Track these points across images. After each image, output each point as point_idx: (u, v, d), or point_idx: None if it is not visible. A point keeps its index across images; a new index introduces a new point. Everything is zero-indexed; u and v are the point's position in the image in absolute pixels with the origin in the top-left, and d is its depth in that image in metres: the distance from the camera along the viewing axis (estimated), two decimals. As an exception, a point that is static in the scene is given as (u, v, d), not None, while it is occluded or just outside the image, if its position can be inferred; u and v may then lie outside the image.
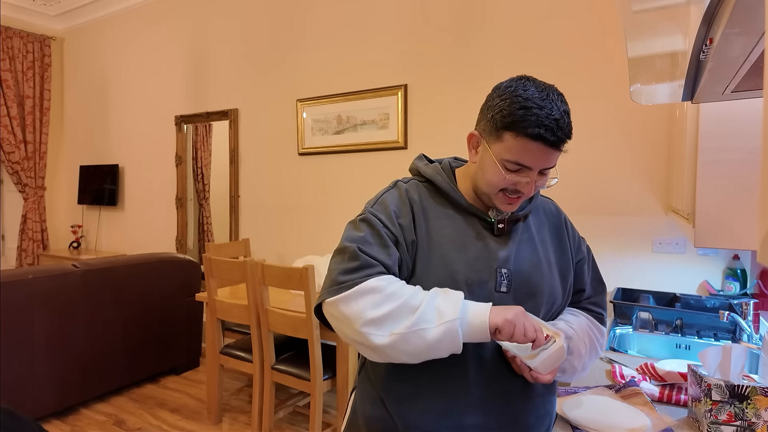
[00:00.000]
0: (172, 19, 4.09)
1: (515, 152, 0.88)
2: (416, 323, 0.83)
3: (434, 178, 1.00)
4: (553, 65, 2.49)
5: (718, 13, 0.61)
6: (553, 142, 0.86)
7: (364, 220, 0.95)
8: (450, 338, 0.83)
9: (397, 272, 0.92)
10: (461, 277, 0.91)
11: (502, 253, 0.94)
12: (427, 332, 0.83)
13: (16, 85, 4.59)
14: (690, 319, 1.78)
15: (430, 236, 0.94)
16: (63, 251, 4.71)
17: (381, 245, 0.91)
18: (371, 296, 0.85)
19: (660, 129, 2.26)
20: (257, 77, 3.60)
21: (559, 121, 0.86)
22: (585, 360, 1.00)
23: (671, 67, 1.04)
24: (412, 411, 0.93)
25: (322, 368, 2.22)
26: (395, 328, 0.84)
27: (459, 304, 0.84)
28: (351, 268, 0.89)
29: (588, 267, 1.08)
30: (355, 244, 0.91)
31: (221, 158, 3.90)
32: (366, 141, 3.10)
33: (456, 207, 0.98)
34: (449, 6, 2.79)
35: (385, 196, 0.99)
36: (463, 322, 0.83)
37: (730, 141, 1.28)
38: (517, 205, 0.94)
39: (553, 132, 0.85)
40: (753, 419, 0.97)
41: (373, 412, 0.99)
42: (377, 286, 0.86)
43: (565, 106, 0.89)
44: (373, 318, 0.84)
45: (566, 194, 2.47)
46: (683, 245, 2.20)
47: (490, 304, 0.86)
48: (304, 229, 3.40)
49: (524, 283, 0.94)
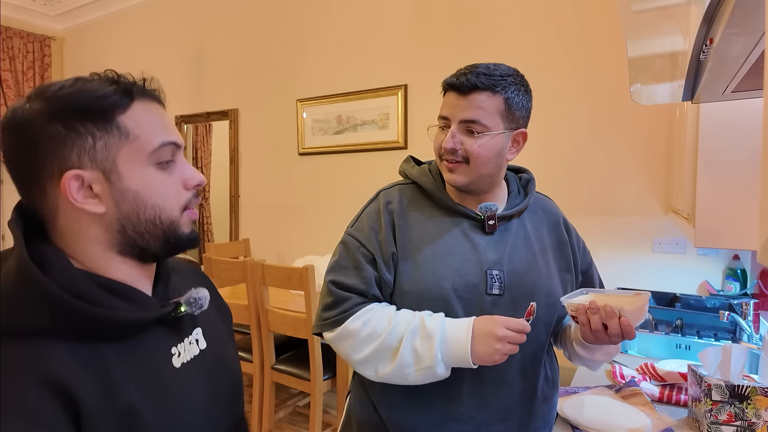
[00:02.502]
0: (172, 19, 4.09)
1: (441, 107, 0.93)
2: (397, 368, 0.85)
3: (419, 179, 0.99)
4: (553, 65, 2.49)
5: (718, 13, 0.61)
6: (457, 84, 0.88)
7: (342, 242, 0.97)
8: (432, 377, 0.85)
9: (376, 292, 0.92)
10: (448, 282, 0.88)
11: (493, 254, 0.91)
12: (409, 375, 0.85)
13: (16, 85, 4.59)
14: (690, 319, 1.78)
15: (412, 244, 0.92)
16: (63, 251, 4.71)
17: (355, 268, 0.92)
18: (349, 341, 0.89)
19: (660, 129, 2.26)
20: (257, 77, 3.60)
21: (468, 70, 0.88)
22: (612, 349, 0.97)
23: (671, 67, 1.04)
24: (404, 418, 0.92)
25: (322, 368, 2.22)
26: (379, 369, 0.87)
27: (434, 346, 0.82)
28: (328, 303, 0.92)
29: (595, 270, 1.08)
30: (330, 275, 0.94)
31: (221, 158, 3.90)
32: (366, 141, 3.10)
33: (442, 208, 0.96)
34: (449, 6, 2.79)
35: (364, 213, 0.99)
36: (445, 362, 0.84)
37: (730, 141, 1.28)
38: (458, 173, 0.91)
39: (457, 77, 0.89)
40: (753, 419, 0.97)
41: (365, 416, 0.98)
42: (352, 330, 0.88)
43: (494, 66, 0.90)
44: (357, 360, 0.88)
45: (566, 194, 2.47)
46: (683, 245, 2.20)
47: (467, 334, 0.82)
48: (304, 229, 3.40)
49: (520, 284, 0.91)
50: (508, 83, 0.89)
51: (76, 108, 0.55)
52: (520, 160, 2.87)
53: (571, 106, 2.46)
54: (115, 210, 0.58)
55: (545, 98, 2.52)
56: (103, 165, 0.56)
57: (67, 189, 0.54)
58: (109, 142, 0.56)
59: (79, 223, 0.57)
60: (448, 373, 0.85)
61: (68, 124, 0.54)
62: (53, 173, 0.55)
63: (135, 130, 0.58)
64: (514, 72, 0.92)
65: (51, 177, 0.55)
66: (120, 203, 0.58)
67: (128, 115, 0.58)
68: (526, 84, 0.95)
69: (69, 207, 0.56)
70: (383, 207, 0.96)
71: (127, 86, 0.59)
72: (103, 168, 0.56)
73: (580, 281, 1.03)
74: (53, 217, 0.57)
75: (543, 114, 2.54)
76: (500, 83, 0.88)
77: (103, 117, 0.56)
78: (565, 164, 2.47)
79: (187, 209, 0.63)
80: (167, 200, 0.61)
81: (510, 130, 0.92)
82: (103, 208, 0.57)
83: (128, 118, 0.58)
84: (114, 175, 0.57)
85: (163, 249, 0.62)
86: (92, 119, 0.56)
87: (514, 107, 0.91)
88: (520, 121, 0.94)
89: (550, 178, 2.52)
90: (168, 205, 0.61)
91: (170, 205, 0.61)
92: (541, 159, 2.54)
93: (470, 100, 0.87)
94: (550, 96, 2.50)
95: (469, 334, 0.82)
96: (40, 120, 0.54)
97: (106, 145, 0.56)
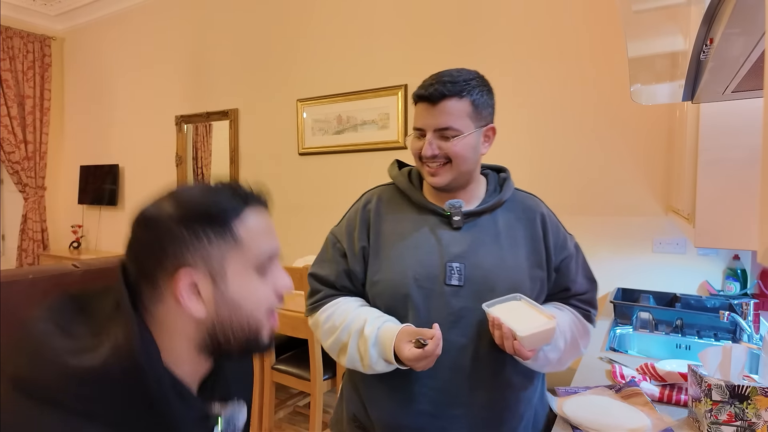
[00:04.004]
0: (172, 18, 4.09)
1: (414, 119, 1.00)
2: (349, 362, 0.99)
3: (396, 179, 1.10)
4: (552, 65, 2.49)
5: (719, 13, 0.61)
6: (427, 96, 0.95)
7: (326, 239, 1.12)
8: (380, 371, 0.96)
9: (345, 283, 1.05)
10: (410, 273, 0.97)
11: (456, 248, 0.98)
12: (360, 369, 0.99)
13: (17, 85, 4.59)
14: (690, 319, 1.78)
15: (384, 239, 1.03)
16: (63, 251, 4.71)
17: (329, 261, 1.07)
18: (318, 330, 1.05)
19: (660, 129, 2.26)
20: (257, 77, 3.60)
21: (435, 80, 0.95)
22: (563, 355, 1.01)
23: (671, 67, 1.04)
24: (376, 397, 1.03)
25: (322, 368, 2.22)
26: (339, 359, 1.02)
27: (368, 350, 0.94)
28: (308, 293, 1.09)
29: (576, 264, 1.08)
30: (311, 268, 1.09)
31: (221, 158, 3.90)
32: (366, 141, 3.10)
33: (416, 206, 1.05)
34: (449, 6, 2.79)
35: (347, 213, 1.12)
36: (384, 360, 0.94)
37: (730, 141, 1.28)
38: (440, 175, 0.98)
39: (426, 89, 0.95)
40: (753, 419, 0.97)
41: (351, 395, 1.11)
42: (319, 321, 1.03)
43: (458, 72, 0.96)
44: (327, 346, 1.04)
45: (567, 194, 2.47)
46: (683, 245, 2.20)
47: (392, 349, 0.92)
48: (304, 229, 3.40)
49: (483, 276, 0.97)
50: (471, 86, 0.97)
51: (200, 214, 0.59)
52: (523, 159, 2.88)
53: (571, 106, 2.46)
54: (214, 314, 0.60)
55: (545, 98, 2.52)
56: (214, 269, 0.59)
57: (178, 285, 0.57)
58: (222, 247, 0.59)
59: (177, 318, 0.59)
60: (391, 368, 0.95)
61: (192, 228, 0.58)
62: (168, 268, 0.58)
63: (246, 238, 0.61)
64: (475, 75, 1.00)
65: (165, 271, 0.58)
66: (220, 308, 0.60)
67: (241, 222, 0.61)
68: (487, 84, 1.02)
69: (173, 302, 0.58)
70: (362, 207, 1.09)
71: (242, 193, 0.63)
72: (213, 272, 0.59)
73: (553, 278, 1.05)
74: (153, 305, 0.60)
75: (543, 114, 2.54)
76: (465, 88, 0.95)
77: (221, 223, 0.60)
78: (565, 164, 2.47)
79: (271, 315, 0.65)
80: (260, 307, 0.62)
81: (480, 128, 1.00)
82: (204, 312, 0.59)
83: (241, 225, 0.61)
84: (221, 280, 0.59)
85: (239, 352, 0.63)
86: (212, 225, 0.59)
87: (480, 107, 0.98)
88: (488, 118, 1.02)
89: (550, 178, 2.52)
90: (258, 312, 0.62)
91: (260, 311, 0.63)
92: (541, 159, 2.54)
93: (440, 108, 0.95)
94: (550, 96, 2.50)
95: (392, 344, 0.92)
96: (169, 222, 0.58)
97: (219, 250, 0.59)
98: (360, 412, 1.08)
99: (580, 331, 1.04)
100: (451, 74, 0.96)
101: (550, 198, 2.56)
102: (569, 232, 1.11)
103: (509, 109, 2.62)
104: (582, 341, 1.05)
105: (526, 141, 2.58)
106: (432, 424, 0.97)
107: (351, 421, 1.11)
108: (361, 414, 1.08)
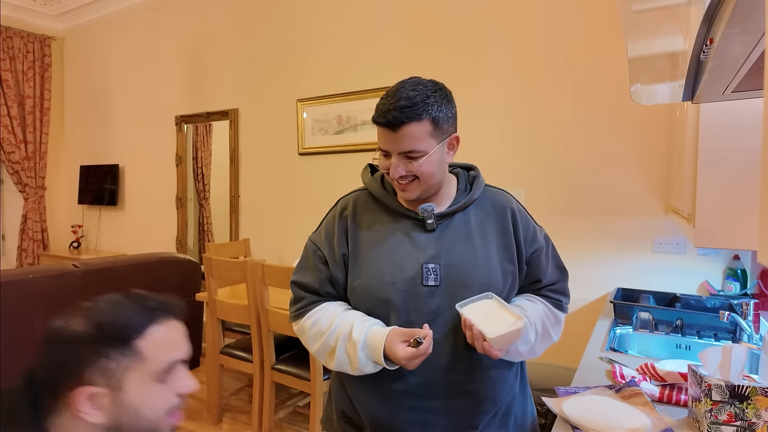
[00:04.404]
0: (172, 18, 4.09)
1: (378, 139, 1.01)
2: (337, 365, 1.01)
3: (369, 185, 1.11)
4: (552, 65, 2.49)
5: (719, 13, 0.61)
6: (386, 124, 0.95)
7: (305, 247, 1.13)
8: (368, 371, 0.99)
9: (329, 289, 1.07)
10: (388, 278, 1.00)
11: (431, 249, 1.01)
12: (348, 371, 1.01)
13: (17, 85, 4.59)
14: (690, 320, 1.78)
15: (361, 245, 1.05)
16: (63, 251, 4.71)
17: (311, 269, 1.08)
18: (303, 336, 1.07)
19: (660, 129, 2.26)
20: (257, 77, 3.60)
21: (392, 106, 0.94)
22: (533, 347, 1.05)
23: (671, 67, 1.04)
24: (360, 395, 1.06)
25: (322, 368, 2.22)
26: (327, 362, 1.03)
27: (357, 353, 0.96)
28: (291, 300, 1.11)
29: (546, 256, 1.11)
30: (293, 276, 1.11)
31: (221, 158, 3.90)
32: (366, 141, 3.10)
33: (389, 211, 1.07)
34: (449, 6, 2.79)
35: (324, 220, 1.14)
36: (371, 360, 0.97)
37: (730, 141, 1.28)
38: (410, 190, 1.01)
39: (384, 116, 0.95)
40: (753, 419, 0.97)
41: (338, 393, 1.14)
42: (305, 327, 1.05)
43: (414, 92, 0.95)
44: (313, 351, 1.05)
45: (567, 194, 2.47)
46: (683, 245, 2.20)
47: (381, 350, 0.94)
48: (305, 229, 3.40)
49: (457, 275, 1.00)
50: (429, 104, 0.95)
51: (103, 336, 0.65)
52: (521, 160, 2.87)
53: (570, 106, 2.46)
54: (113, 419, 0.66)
55: (545, 98, 2.52)
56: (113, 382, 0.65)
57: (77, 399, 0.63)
58: (123, 363, 0.65)
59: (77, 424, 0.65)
60: (379, 368, 0.98)
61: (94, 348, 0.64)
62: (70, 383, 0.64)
63: (148, 352, 0.67)
64: (432, 88, 0.98)
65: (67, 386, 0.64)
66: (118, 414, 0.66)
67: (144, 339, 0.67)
68: (445, 93, 1.00)
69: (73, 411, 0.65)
70: (338, 214, 1.10)
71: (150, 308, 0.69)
72: (112, 385, 0.65)
73: (524, 271, 1.09)
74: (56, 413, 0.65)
75: (543, 114, 2.54)
76: (423, 109, 0.95)
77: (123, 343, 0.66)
78: (565, 164, 2.47)
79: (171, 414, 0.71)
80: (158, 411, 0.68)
81: (443, 142, 1.00)
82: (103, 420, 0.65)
83: (143, 341, 0.67)
84: (119, 391, 0.65)
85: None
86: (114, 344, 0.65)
87: (441, 122, 0.98)
88: (450, 129, 1.02)
89: (550, 179, 2.52)
90: (156, 415, 0.68)
91: (159, 413, 0.69)
92: (541, 159, 2.54)
93: (401, 133, 0.95)
94: (550, 96, 2.50)
95: (382, 346, 0.95)
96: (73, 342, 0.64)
97: (119, 365, 0.65)
98: (348, 408, 1.11)
99: (551, 321, 1.08)
100: (408, 96, 0.94)
101: (550, 198, 2.58)
102: (539, 225, 1.14)
103: (509, 109, 2.62)
104: (553, 330, 1.09)
105: (526, 141, 2.58)
106: (414, 417, 1.01)
107: (340, 417, 1.14)
108: (349, 410, 1.11)
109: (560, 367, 2.36)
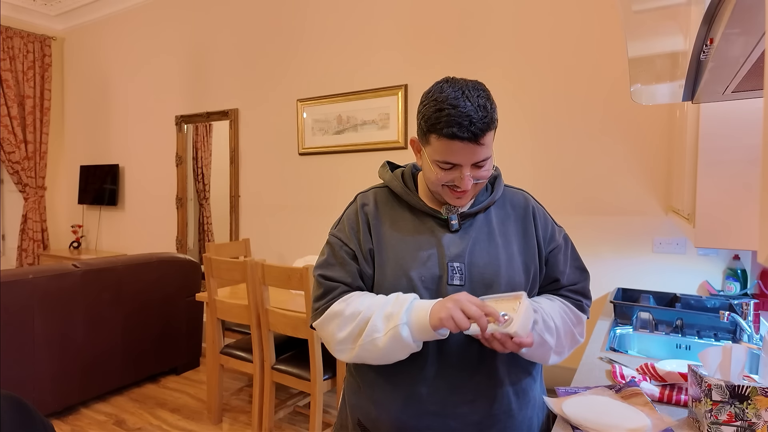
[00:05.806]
0: (172, 18, 4.09)
1: (441, 152, 0.94)
2: (368, 334, 0.93)
3: (390, 183, 1.08)
4: (552, 65, 2.49)
5: (719, 13, 0.61)
6: (469, 138, 0.91)
7: (328, 243, 1.08)
8: (398, 342, 0.92)
9: (360, 283, 1.03)
10: (415, 275, 0.98)
11: (455, 249, 1.00)
12: (378, 341, 0.93)
13: (17, 85, 4.59)
14: (690, 320, 1.78)
15: (386, 241, 1.03)
16: (63, 251, 4.71)
17: (340, 264, 1.03)
18: (335, 320, 0.98)
19: (660, 129, 2.26)
20: (257, 77, 3.60)
21: (471, 117, 0.90)
22: (562, 339, 1.02)
23: (671, 67, 1.04)
24: (382, 398, 1.02)
25: (322, 368, 2.22)
26: (357, 342, 0.95)
27: (402, 311, 0.91)
28: (318, 295, 1.03)
29: (565, 256, 1.09)
30: (319, 270, 1.05)
31: (221, 158, 3.90)
32: (366, 141, 3.10)
33: (412, 209, 1.05)
34: (449, 6, 2.79)
35: (344, 215, 1.10)
36: (409, 325, 0.91)
37: (730, 141, 1.28)
38: (466, 197, 0.99)
39: (467, 129, 0.90)
40: (753, 419, 0.97)
41: (355, 400, 1.09)
42: (338, 310, 0.98)
43: (481, 99, 0.92)
44: (340, 339, 0.97)
45: (567, 194, 2.47)
46: (683, 245, 2.20)
47: (432, 303, 0.90)
48: (304, 229, 3.40)
49: (480, 274, 0.99)
50: (494, 108, 0.94)
51: None
52: (521, 160, 2.87)
53: (571, 106, 2.46)
54: None
55: (545, 98, 2.52)
56: None
57: None
58: None
59: None
60: (414, 343, 0.92)
61: None
62: None
63: None
64: (484, 89, 0.95)
65: None
66: None
67: None
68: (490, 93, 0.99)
69: None
70: (360, 208, 1.07)
71: None
72: None
73: (544, 270, 1.08)
74: None
75: (543, 114, 2.54)
76: (493, 115, 0.93)
77: None
78: (565, 164, 2.47)
79: None
80: None
81: None
82: None
83: None
84: None
85: None
86: None
87: None
88: None
89: (551, 179, 2.52)
90: None
91: None
92: (541, 159, 2.54)
93: (481, 144, 0.92)
94: (550, 96, 2.51)
95: (434, 301, 0.91)
96: None
97: None
98: (364, 416, 1.08)
99: (571, 319, 1.06)
100: (480, 105, 0.90)
101: (551, 198, 2.57)
102: (559, 225, 1.13)
103: (510, 109, 2.62)
104: (576, 329, 1.07)
105: (526, 141, 2.58)
106: (437, 423, 0.99)
107: (356, 426, 1.11)
108: (365, 419, 1.08)
109: (560, 367, 2.36)
